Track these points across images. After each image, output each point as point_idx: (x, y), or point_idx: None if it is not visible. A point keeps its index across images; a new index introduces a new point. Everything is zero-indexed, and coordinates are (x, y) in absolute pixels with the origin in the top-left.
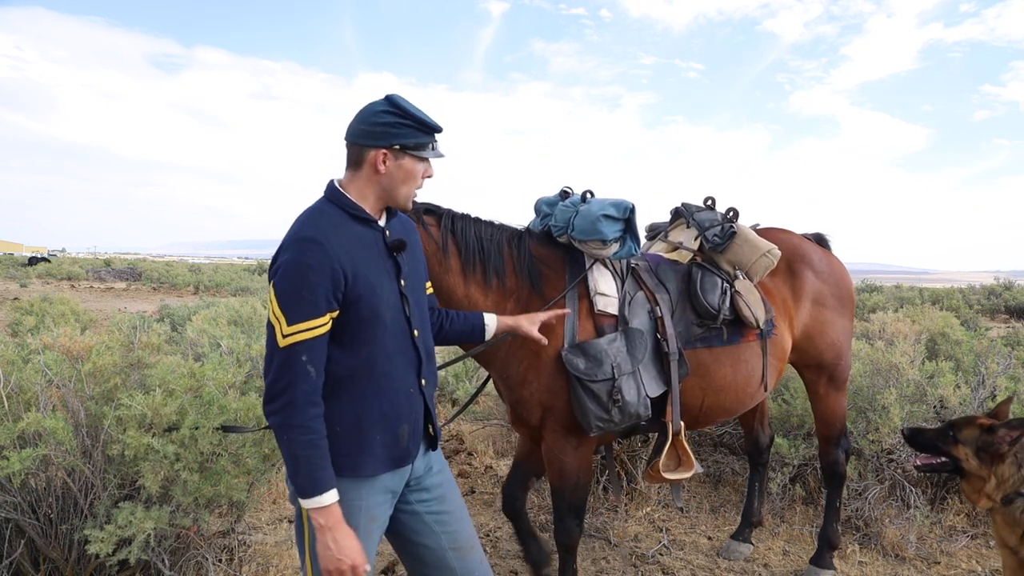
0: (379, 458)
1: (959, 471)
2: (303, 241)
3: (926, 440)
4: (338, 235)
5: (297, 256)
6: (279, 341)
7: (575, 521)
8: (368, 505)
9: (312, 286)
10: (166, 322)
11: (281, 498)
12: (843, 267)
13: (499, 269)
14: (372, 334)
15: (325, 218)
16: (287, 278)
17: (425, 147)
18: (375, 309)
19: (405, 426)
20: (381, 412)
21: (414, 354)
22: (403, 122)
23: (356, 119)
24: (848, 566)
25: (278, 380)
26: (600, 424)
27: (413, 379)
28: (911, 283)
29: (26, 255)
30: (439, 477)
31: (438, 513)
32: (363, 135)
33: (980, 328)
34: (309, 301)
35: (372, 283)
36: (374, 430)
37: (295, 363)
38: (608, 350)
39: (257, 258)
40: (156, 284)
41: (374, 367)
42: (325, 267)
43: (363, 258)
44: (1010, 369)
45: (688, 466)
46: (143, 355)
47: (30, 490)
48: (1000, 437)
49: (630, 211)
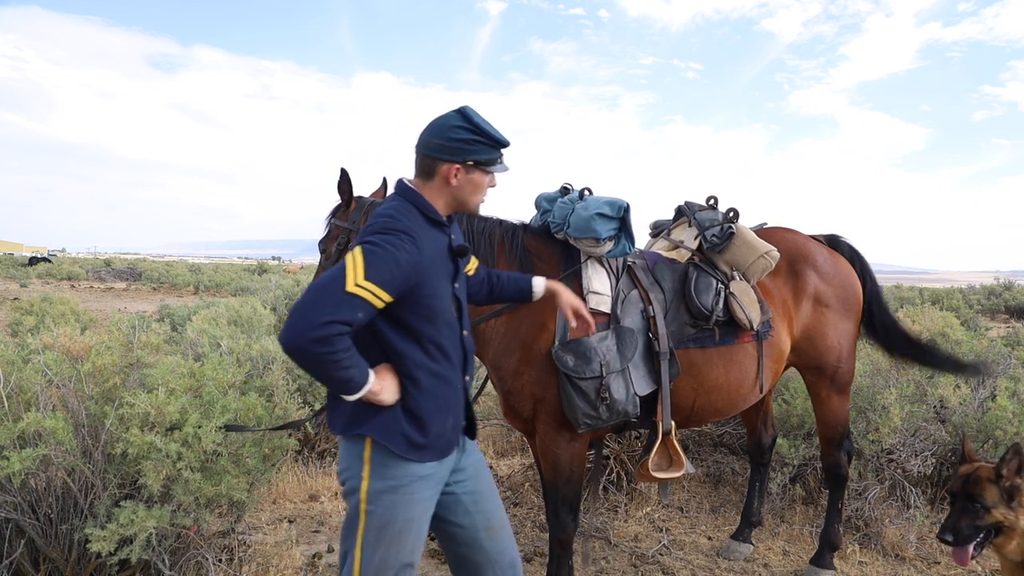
0: (433, 448)
1: (998, 531)
2: (401, 232)
3: (966, 530)
4: (422, 237)
5: (396, 242)
6: (348, 285)
7: (569, 515)
8: (423, 498)
9: (398, 267)
10: (166, 322)
11: (281, 498)
12: (850, 269)
13: (488, 259)
14: (433, 332)
15: (412, 218)
16: (383, 247)
17: (495, 162)
18: (436, 309)
19: (452, 418)
20: (437, 404)
21: (462, 352)
22: (477, 139)
23: (429, 132)
24: (848, 566)
25: (334, 311)
26: (588, 421)
27: (460, 375)
28: (911, 283)
29: (26, 255)
30: (471, 458)
31: (472, 493)
32: (437, 149)
33: (980, 328)
34: (390, 274)
35: (436, 285)
36: (432, 420)
37: (354, 308)
38: (598, 348)
39: (257, 258)
40: (156, 284)
41: (434, 360)
42: (412, 262)
43: (433, 261)
44: (1010, 369)
45: (679, 465)
46: (143, 355)
47: (30, 490)
48: (1009, 476)
49: (625, 210)
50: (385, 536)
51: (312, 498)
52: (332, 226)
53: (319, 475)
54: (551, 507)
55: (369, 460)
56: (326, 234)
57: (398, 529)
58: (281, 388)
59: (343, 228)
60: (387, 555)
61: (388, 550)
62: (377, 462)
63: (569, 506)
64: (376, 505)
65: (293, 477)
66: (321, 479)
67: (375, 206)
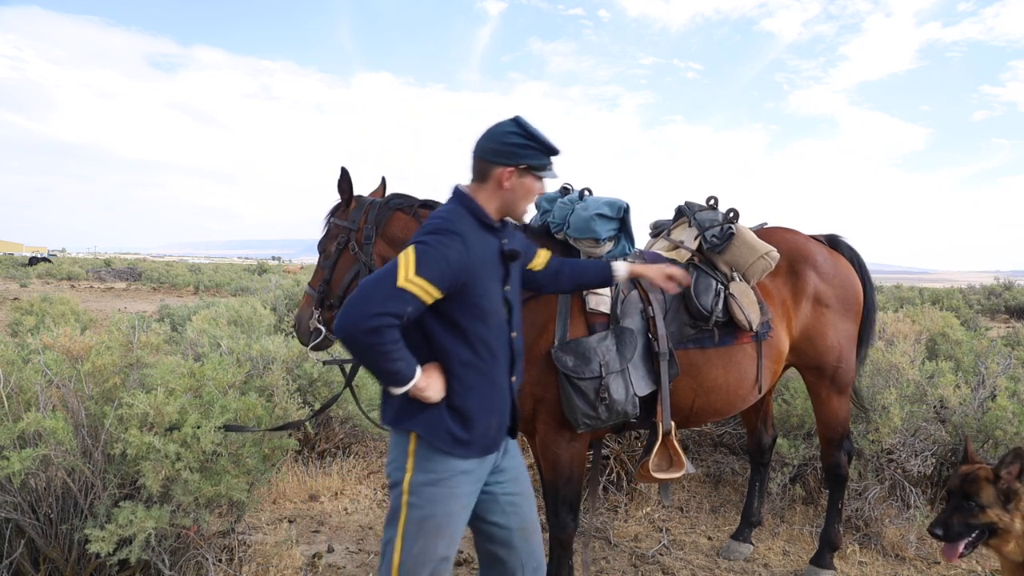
0: (476, 445)
1: (992, 532)
2: (454, 234)
3: (958, 527)
4: (473, 239)
5: (447, 242)
6: (399, 280)
7: (569, 515)
8: (463, 493)
9: (448, 265)
10: (166, 322)
11: (281, 498)
12: (851, 269)
13: None
14: (480, 330)
15: (465, 222)
16: (435, 247)
17: (546, 168)
18: (486, 309)
19: (497, 418)
20: (482, 402)
21: (509, 353)
22: (530, 144)
23: (485, 138)
24: (848, 566)
25: (385, 304)
26: (587, 421)
27: (506, 376)
28: (911, 283)
29: (26, 255)
30: (513, 460)
31: (511, 495)
32: (492, 153)
33: (980, 328)
34: (439, 271)
35: (486, 286)
36: (477, 418)
37: (404, 302)
38: (597, 348)
39: (257, 258)
40: (156, 284)
41: (481, 359)
42: (461, 261)
43: (483, 262)
44: (1010, 369)
45: (679, 466)
46: (142, 355)
47: (30, 490)
48: (1008, 478)
49: (624, 211)
50: (425, 528)
51: (312, 498)
52: (331, 225)
53: (319, 475)
54: (551, 507)
55: (413, 453)
56: (325, 233)
57: (437, 523)
58: (281, 388)
59: (343, 227)
60: (426, 547)
61: (428, 542)
62: (421, 455)
63: (569, 506)
64: (418, 497)
65: (293, 477)
66: (321, 479)
67: (375, 206)
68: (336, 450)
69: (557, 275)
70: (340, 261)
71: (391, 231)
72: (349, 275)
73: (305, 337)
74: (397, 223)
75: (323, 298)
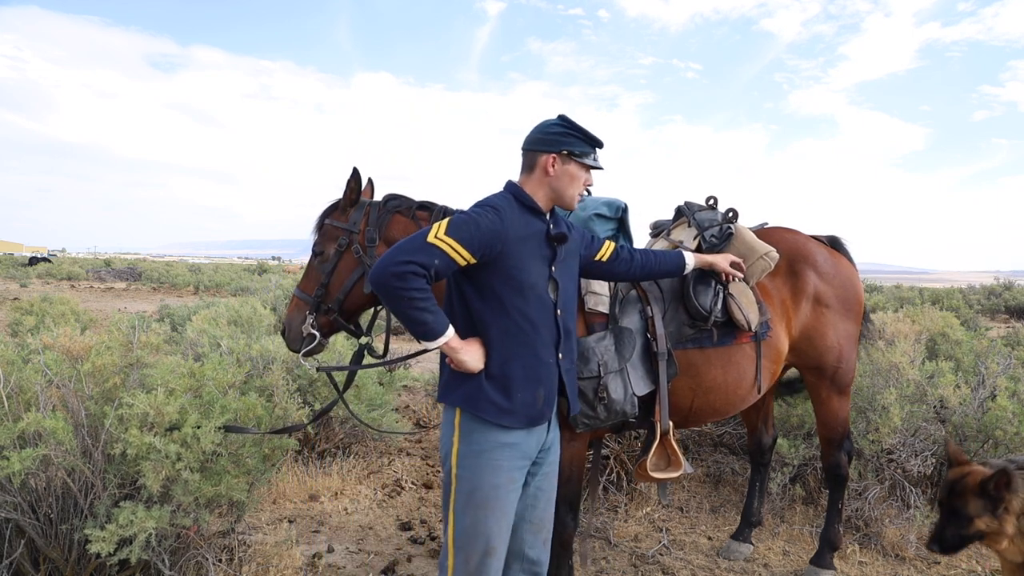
0: (519, 414)
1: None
2: (487, 206)
3: (953, 539)
4: (512, 215)
5: (480, 211)
6: (430, 237)
7: (569, 515)
8: (507, 467)
9: (478, 228)
10: (166, 322)
11: (281, 498)
12: (852, 270)
13: None
14: (520, 302)
15: (507, 202)
16: (467, 216)
17: (588, 155)
18: (522, 283)
19: (541, 390)
20: (524, 372)
21: (555, 329)
22: (571, 132)
23: (531, 132)
24: (848, 566)
25: (413, 254)
26: (586, 421)
27: (552, 351)
28: (911, 283)
29: (26, 255)
30: (552, 456)
31: (538, 489)
32: (537, 142)
33: (980, 328)
34: (468, 233)
35: (524, 260)
36: (516, 386)
37: (431, 254)
38: (596, 348)
39: (257, 258)
40: (156, 284)
41: (521, 330)
42: (493, 229)
43: (522, 238)
44: (1010, 369)
45: (677, 466)
46: (142, 355)
47: (30, 490)
48: (996, 489)
49: (623, 211)
50: (473, 501)
51: (312, 498)
52: (329, 227)
53: (319, 475)
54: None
55: (458, 426)
56: (322, 235)
57: (485, 495)
58: (281, 388)
59: (343, 229)
60: (476, 520)
61: (476, 514)
62: (465, 428)
63: (569, 506)
64: (464, 469)
65: (293, 477)
66: (321, 479)
67: (373, 207)
68: (336, 450)
69: (630, 263)
70: (340, 264)
71: (391, 234)
72: (351, 278)
73: (296, 343)
74: (397, 226)
75: (319, 302)
